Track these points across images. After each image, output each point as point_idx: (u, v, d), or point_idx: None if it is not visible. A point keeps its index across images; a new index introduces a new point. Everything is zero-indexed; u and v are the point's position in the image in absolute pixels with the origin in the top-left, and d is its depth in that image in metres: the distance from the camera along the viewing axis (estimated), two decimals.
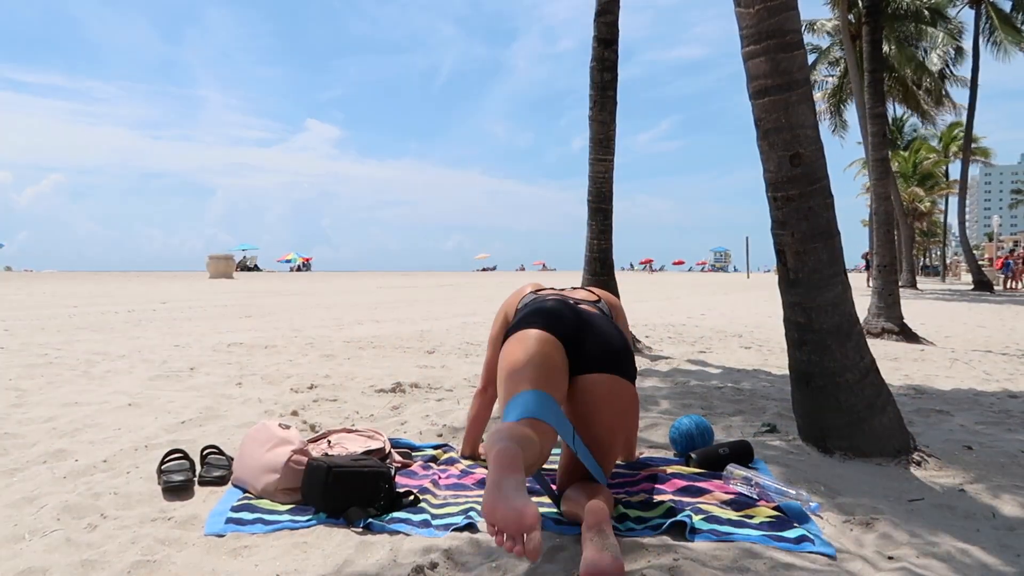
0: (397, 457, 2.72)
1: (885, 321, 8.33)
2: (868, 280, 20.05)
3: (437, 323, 9.27)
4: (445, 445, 2.97)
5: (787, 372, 3.18)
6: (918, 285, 25.88)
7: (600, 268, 6.58)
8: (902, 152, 39.24)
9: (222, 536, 2.00)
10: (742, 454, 2.62)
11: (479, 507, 2.15)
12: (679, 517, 2.04)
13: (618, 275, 6.74)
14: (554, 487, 2.26)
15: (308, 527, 2.06)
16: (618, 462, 2.65)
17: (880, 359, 3.89)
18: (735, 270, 74.26)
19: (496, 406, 2.56)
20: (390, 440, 2.87)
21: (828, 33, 23.22)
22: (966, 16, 54.13)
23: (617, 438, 2.25)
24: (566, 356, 2.15)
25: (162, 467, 2.48)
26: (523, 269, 67.90)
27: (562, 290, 2.61)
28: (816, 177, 2.86)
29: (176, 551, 1.90)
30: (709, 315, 11.42)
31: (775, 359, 6.00)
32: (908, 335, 8.09)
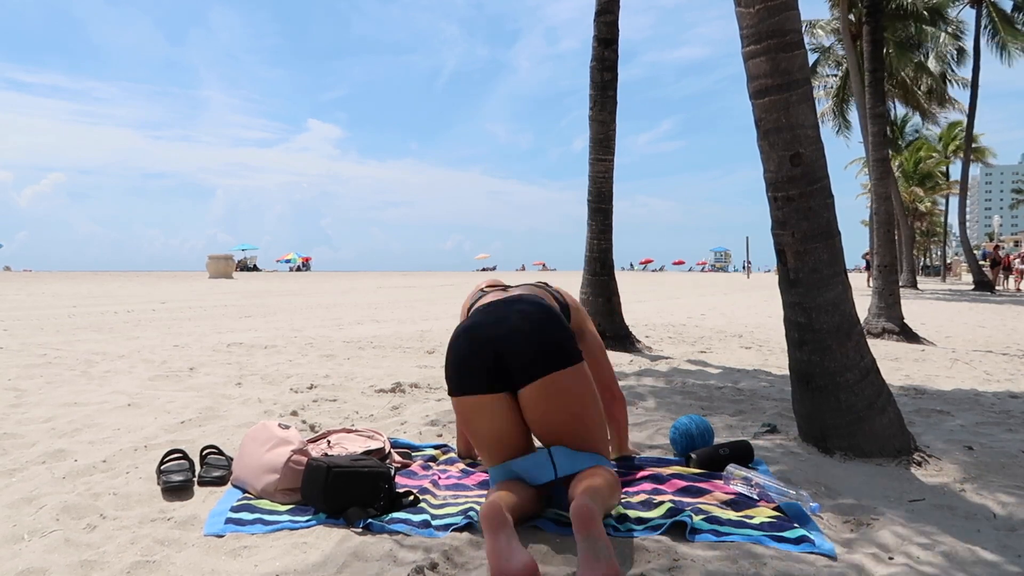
0: (397, 457, 2.72)
1: (885, 321, 8.33)
2: (868, 280, 20.06)
3: (437, 323, 9.26)
4: (445, 445, 2.97)
5: (787, 372, 3.18)
6: (918, 285, 25.89)
7: (600, 268, 6.58)
8: (903, 152, 39.21)
9: (222, 536, 2.00)
10: (742, 454, 2.62)
11: (479, 507, 2.15)
12: (679, 518, 2.04)
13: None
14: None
15: (308, 527, 2.06)
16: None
17: (881, 359, 3.89)
18: (735, 270, 74.24)
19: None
20: (390, 440, 2.87)
21: (825, 30, 23.17)
22: (967, 16, 54.10)
23: (585, 416, 2.18)
24: (501, 391, 2.13)
25: (161, 467, 2.48)
26: (523, 269, 67.86)
27: (506, 288, 2.55)
28: (816, 177, 2.85)
29: (175, 551, 1.90)
30: (709, 315, 11.42)
31: (775, 359, 5.99)
32: (908, 335, 8.09)
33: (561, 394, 2.12)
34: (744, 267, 39.75)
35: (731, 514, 2.13)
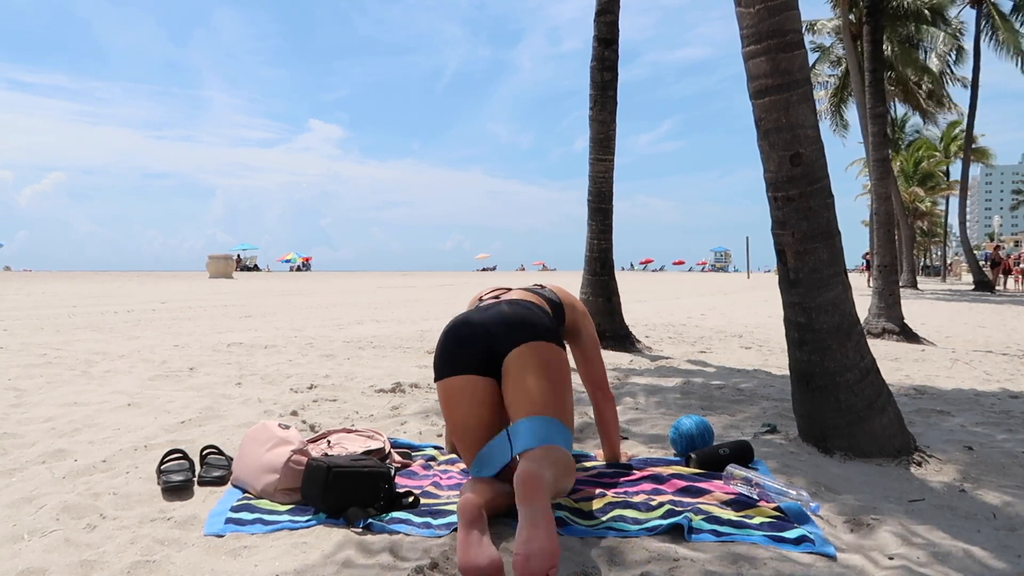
0: (397, 457, 2.72)
1: (886, 321, 8.33)
2: (868, 280, 20.06)
3: (437, 323, 9.26)
4: None
5: (787, 372, 3.18)
6: (918, 285, 25.89)
7: (600, 268, 6.58)
8: (903, 152, 39.19)
9: (221, 536, 2.00)
10: (742, 454, 2.62)
11: None
12: (678, 520, 2.03)
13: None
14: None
15: (308, 527, 2.06)
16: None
17: (881, 359, 3.89)
18: (735, 270, 74.23)
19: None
20: (390, 440, 2.87)
21: (829, 33, 23.20)
22: (967, 16, 54.08)
23: (557, 387, 2.21)
24: (487, 375, 2.23)
25: (161, 467, 2.48)
26: (523, 269, 67.82)
27: (507, 290, 2.62)
28: (816, 177, 2.85)
29: (175, 551, 1.90)
30: (709, 315, 11.42)
31: (775, 359, 5.99)
32: (908, 335, 8.09)
33: (539, 355, 2.21)
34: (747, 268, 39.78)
35: (731, 514, 2.13)
